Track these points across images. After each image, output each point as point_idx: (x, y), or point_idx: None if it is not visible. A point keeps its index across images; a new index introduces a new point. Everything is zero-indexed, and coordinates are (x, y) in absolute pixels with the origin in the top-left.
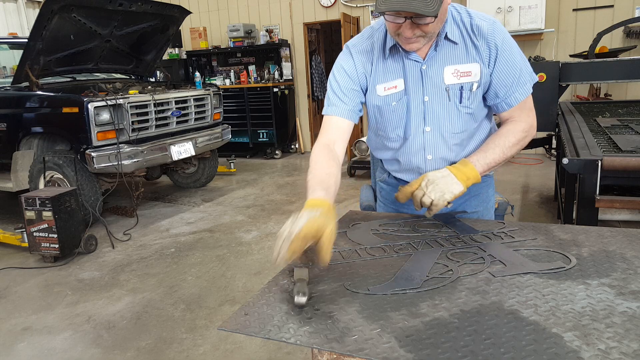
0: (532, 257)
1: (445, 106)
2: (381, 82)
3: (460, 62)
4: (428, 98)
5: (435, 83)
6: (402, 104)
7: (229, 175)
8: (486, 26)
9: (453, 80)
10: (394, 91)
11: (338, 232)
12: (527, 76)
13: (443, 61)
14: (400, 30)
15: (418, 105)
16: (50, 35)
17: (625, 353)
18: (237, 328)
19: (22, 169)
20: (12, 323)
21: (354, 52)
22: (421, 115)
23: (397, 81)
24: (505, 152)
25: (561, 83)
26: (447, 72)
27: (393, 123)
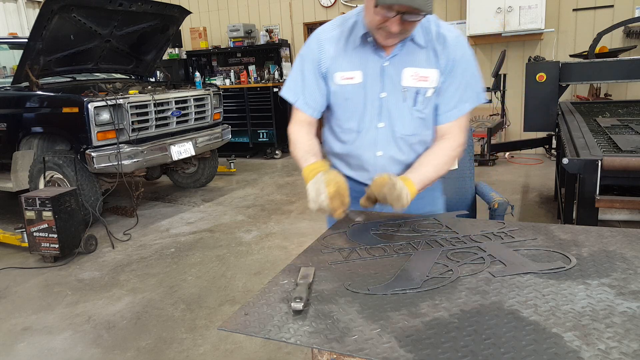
0: (532, 257)
1: (399, 106)
2: (339, 70)
3: (420, 65)
4: (385, 95)
5: (393, 82)
6: (358, 96)
7: (229, 175)
8: (451, 38)
9: (411, 83)
10: (350, 82)
11: (338, 233)
12: (472, 95)
13: (404, 62)
14: (386, 24)
15: (374, 100)
16: (50, 35)
17: (625, 353)
18: (237, 328)
19: (22, 169)
20: (12, 323)
21: (322, 39)
22: (377, 110)
23: (355, 72)
24: (438, 171)
25: (561, 83)
26: (406, 73)
27: (347, 113)
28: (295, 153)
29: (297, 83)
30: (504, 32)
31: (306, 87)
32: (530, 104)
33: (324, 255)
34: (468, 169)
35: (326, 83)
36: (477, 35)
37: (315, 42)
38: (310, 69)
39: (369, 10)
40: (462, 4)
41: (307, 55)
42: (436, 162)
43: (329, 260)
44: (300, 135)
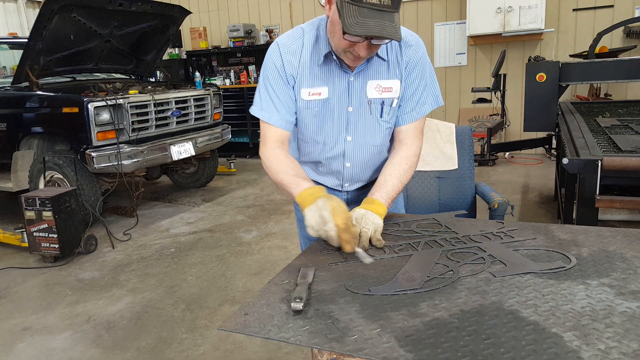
0: (532, 257)
1: (366, 119)
2: (306, 86)
3: (382, 77)
4: (352, 109)
5: (359, 95)
6: (325, 111)
7: (229, 175)
8: (410, 41)
9: (375, 95)
10: (317, 97)
11: None
12: (430, 97)
13: (368, 75)
14: (353, 48)
15: (341, 115)
16: (50, 35)
17: (625, 353)
18: (237, 328)
19: (22, 169)
20: (12, 323)
21: (283, 52)
22: (344, 124)
23: (322, 88)
24: (402, 181)
25: (561, 83)
26: (370, 86)
27: (313, 127)
28: (280, 178)
29: (268, 99)
30: (504, 32)
31: (279, 102)
32: (530, 104)
33: (324, 255)
34: (468, 169)
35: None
36: (477, 35)
37: (278, 55)
38: (279, 82)
39: (335, 35)
40: (462, 4)
41: (272, 68)
42: (399, 173)
43: (329, 260)
44: (280, 159)
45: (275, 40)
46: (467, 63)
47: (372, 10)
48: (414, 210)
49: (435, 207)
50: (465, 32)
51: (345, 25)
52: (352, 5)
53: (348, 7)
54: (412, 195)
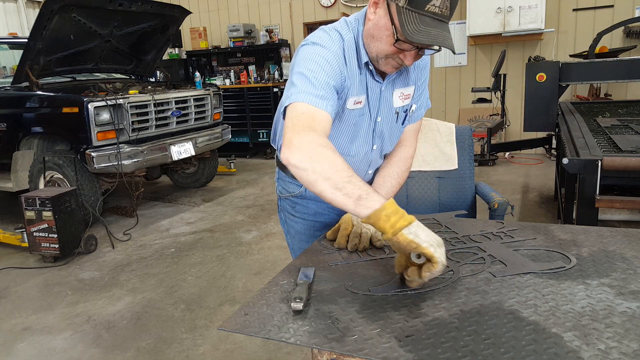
0: (532, 257)
1: (392, 127)
2: (353, 95)
3: (404, 85)
4: (380, 118)
5: (388, 104)
6: (361, 121)
7: (229, 175)
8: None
9: (399, 103)
10: (359, 107)
11: None
12: (425, 100)
13: (393, 84)
14: (400, 55)
15: (370, 125)
16: (50, 35)
17: (625, 353)
18: (237, 328)
19: (22, 169)
20: (12, 323)
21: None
22: (371, 133)
23: (362, 97)
24: (400, 181)
25: (561, 83)
26: (395, 95)
27: (346, 139)
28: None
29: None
30: (504, 32)
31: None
32: (530, 104)
33: (324, 255)
34: (468, 169)
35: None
36: (477, 35)
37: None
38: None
39: (381, 40)
40: (462, 4)
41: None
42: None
43: (329, 260)
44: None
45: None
46: (467, 63)
47: (433, 20)
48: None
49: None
50: (465, 32)
51: (405, 32)
52: (414, 13)
53: (408, 14)
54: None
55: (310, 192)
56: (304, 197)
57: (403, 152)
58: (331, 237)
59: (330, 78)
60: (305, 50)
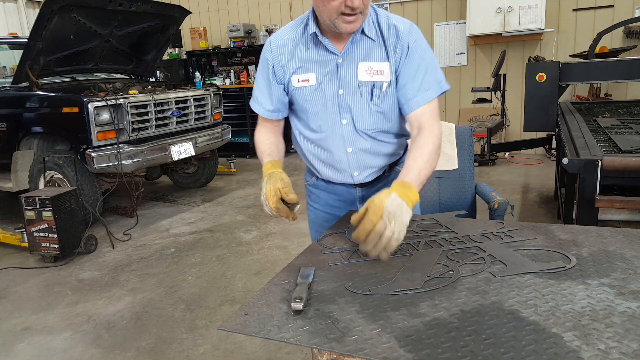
0: (532, 257)
1: (357, 101)
2: (296, 73)
3: (374, 59)
4: (342, 91)
5: (349, 77)
6: (316, 97)
7: (229, 175)
8: (402, 27)
9: (366, 77)
10: (306, 84)
11: (338, 233)
12: (432, 82)
13: (358, 57)
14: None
15: (333, 98)
16: (50, 35)
17: (625, 353)
18: (237, 328)
19: (22, 169)
20: (12, 323)
21: (272, 46)
22: (337, 107)
23: (310, 74)
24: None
25: (561, 83)
26: (361, 68)
27: (310, 114)
28: (258, 154)
29: (256, 92)
30: (504, 32)
31: (264, 95)
32: (530, 104)
33: (324, 255)
34: (468, 169)
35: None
36: (477, 35)
37: (268, 50)
38: (265, 76)
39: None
40: (462, 4)
41: (262, 62)
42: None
43: (329, 260)
44: (260, 137)
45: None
46: (467, 63)
47: None
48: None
49: (435, 207)
50: (465, 32)
51: None
52: None
53: None
54: None
55: (322, 182)
56: (316, 187)
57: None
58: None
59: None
60: None
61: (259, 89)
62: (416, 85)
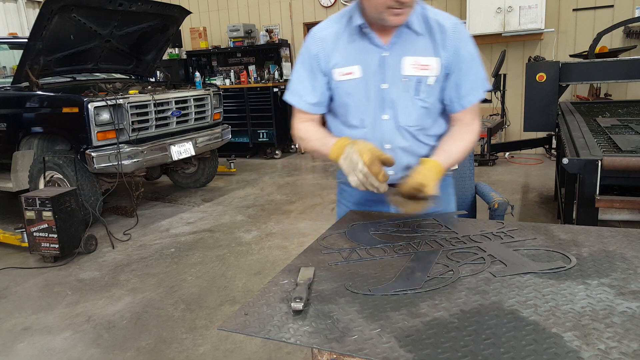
0: (532, 257)
1: (401, 96)
2: (337, 66)
3: (420, 54)
4: (387, 86)
5: (394, 72)
6: (359, 90)
7: (229, 175)
8: (450, 25)
9: (411, 72)
10: (349, 77)
11: (337, 233)
12: (482, 82)
13: (403, 51)
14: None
15: (376, 93)
16: (50, 35)
17: (625, 353)
18: (237, 328)
19: (22, 169)
20: (12, 323)
21: (314, 38)
22: (379, 102)
23: (353, 67)
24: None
25: (561, 83)
26: (406, 62)
27: (350, 109)
28: (312, 145)
29: (297, 85)
30: (504, 32)
31: (306, 88)
32: (530, 104)
33: (324, 255)
34: (468, 169)
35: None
36: (477, 35)
37: (312, 41)
38: (308, 68)
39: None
40: (462, 4)
41: (305, 54)
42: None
43: (329, 260)
44: (308, 129)
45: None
46: None
47: None
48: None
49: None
50: None
51: None
52: None
53: None
54: None
55: None
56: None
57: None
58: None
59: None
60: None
61: (299, 81)
62: (469, 83)
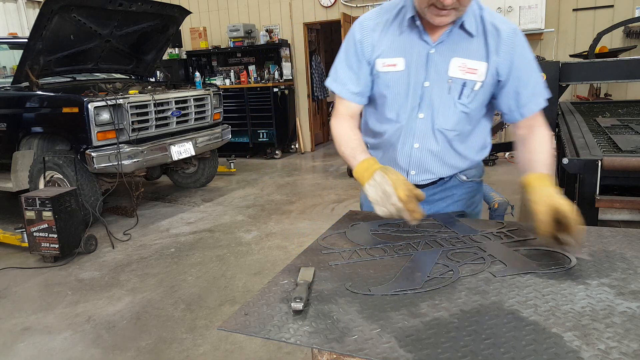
0: (532, 257)
1: (443, 97)
2: (381, 56)
3: (470, 57)
4: (428, 84)
5: (439, 71)
6: (400, 84)
7: (229, 175)
8: (506, 30)
9: (458, 74)
10: (392, 69)
11: (337, 233)
12: (542, 89)
13: (452, 51)
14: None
15: (417, 89)
16: (50, 35)
17: (625, 353)
18: (237, 328)
19: (22, 169)
20: (12, 323)
21: (362, 26)
22: (417, 99)
23: (398, 59)
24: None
25: (561, 83)
26: (453, 63)
27: (388, 102)
28: (342, 150)
29: (340, 72)
30: None
31: (349, 75)
32: None
33: (324, 255)
34: None
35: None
36: None
37: (358, 28)
38: (352, 56)
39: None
40: None
41: (350, 42)
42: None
43: (329, 260)
44: (343, 131)
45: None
46: None
47: None
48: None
49: None
50: None
51: None
52: None
53: None
54: None
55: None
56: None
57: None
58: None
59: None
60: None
61: (343, 69)
62: (529, 92)
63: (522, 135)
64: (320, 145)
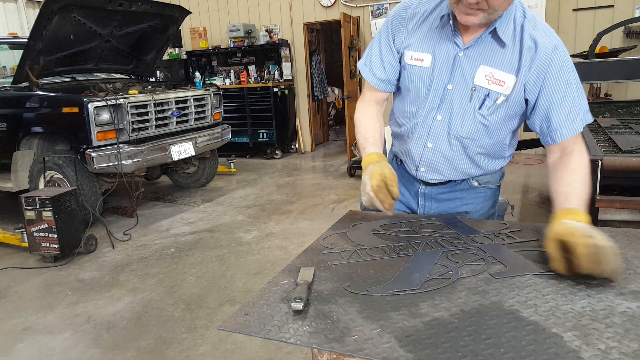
0: (532, 257)
1: (463, 104)
2: (410, 49)
3: (499, 67)
4: (452, 87)
5: (464, 76)
6: (423, 81)
7: (229, 175)
8: (545, 46)
9: (483, 83)
10: (419, 64)
11: (337, 233)
12: (579, 114)
13: (482, 58)
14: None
15: (438, 90)
16: (50, 35)
17: (625, 353)
18: (237, 328)
19: (22, 169)
20: (12, 323)
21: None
22: (438, 100)
23: (425, 55)
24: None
25: None
26: (481, 71)
27: (409, 96)
28: (358, 138)
29: (371, 57)
30: None
31: (378, 61)
32: None
33: (324, 255)
34: None
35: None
36: None
37: (397, 15)
38: (385, 41)
39: None
40: None
41: (384, 27)
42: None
43: (329, 260)
44: (364, 117)
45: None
46: None
47: None
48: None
49: None
50: None
51: None
52: None
53: None
54: None
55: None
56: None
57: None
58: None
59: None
60: None
61: (374, 53)
62: (563, 115)
63: (553, 161)
64: (320, 145)
